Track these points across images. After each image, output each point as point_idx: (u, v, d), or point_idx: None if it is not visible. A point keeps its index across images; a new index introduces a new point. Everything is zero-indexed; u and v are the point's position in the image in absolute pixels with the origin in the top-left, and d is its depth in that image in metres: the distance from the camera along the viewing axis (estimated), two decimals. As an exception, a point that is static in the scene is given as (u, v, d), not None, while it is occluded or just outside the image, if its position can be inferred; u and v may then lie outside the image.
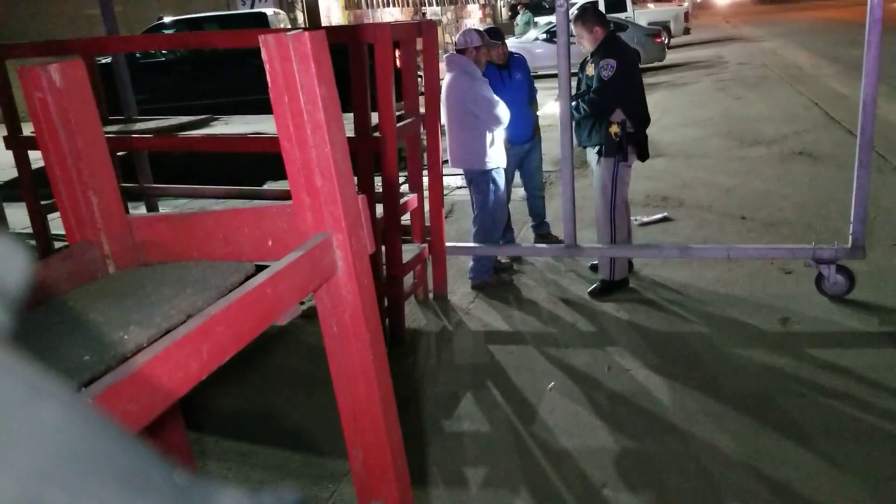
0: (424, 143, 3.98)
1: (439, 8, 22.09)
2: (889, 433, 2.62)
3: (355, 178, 3.44)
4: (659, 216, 5.24)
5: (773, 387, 2.97)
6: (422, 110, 3.83)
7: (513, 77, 4.44)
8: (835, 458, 2.48)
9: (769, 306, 3.68)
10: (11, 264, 0.35)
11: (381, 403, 1.29)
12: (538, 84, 5.12)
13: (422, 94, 3.88)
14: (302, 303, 1.27)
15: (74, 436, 0.29)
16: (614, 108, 3.75)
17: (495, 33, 4.47)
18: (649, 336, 3.50)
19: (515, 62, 4.49)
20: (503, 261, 4.49)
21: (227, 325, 0.93)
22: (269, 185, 6.50)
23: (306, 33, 1.07)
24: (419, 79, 3.97)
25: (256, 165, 6.99)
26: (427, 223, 4.10)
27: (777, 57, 15.26)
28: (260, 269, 1.28)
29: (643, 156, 3.91)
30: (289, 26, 10.79)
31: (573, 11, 4.14)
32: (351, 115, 3.31)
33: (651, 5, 27.29)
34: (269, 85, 1.10)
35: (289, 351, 3.55)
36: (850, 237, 3.65)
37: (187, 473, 0.32)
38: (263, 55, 1.09)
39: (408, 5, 20.11)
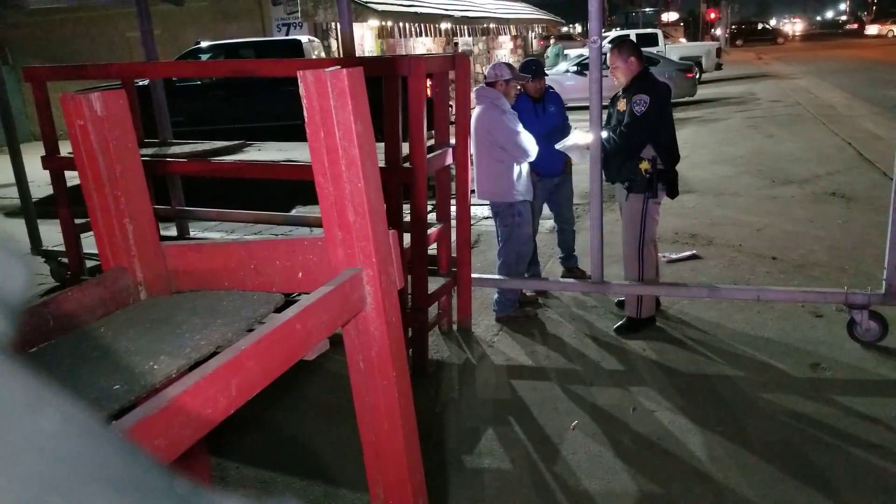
0: (453, 172, 4.00)
1: (471, 38, 22.37)
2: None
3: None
4: (688, 254, 5.18)
5: (801, 435, 2.90)
6: (452, 140, 3.85)
7: (546, 110, 4.46)
8: (867, 514, 2.40)
9: (799, 350, 3.61)
10: (12, 274, 0.35)
11: (404, 442, 1.28)
12: (570, 115, 5.13)
13: (452, 123, 3.91)
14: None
15: (74, 444, 0.29)
16: (645, 143, 3.74)
17: (535, 66, 4.50)
18: (676, 377, 3.44)
19: (550, 96, 4.52)
20: (528, 294, 4.46)
21: (256, 361, 0.93)
22: (298, 210, 6.57)
23: (344, 70, 1.09)
24: (450, 109, 4.01)
25: (285, 190, 7.08)
26: (453, 254, 4.10)
27: (810, 95, 15.15)
28: (289, 299, 1.29)
29: (672, 193, 3.88)
30: (323, 54, 10.99)
31: (606, 45, 4.16)
32: (382, 144, 3.35)
33: (683, 40, 27.34)
34: (306, 120, 1.12)
35: (314, 379, 3.55)
36: (884, 283, 3.57)
37: (187, 483, 0.32)
38: (301, 91, 1.10)
39: (440, 35, 20.40)
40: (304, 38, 10.38)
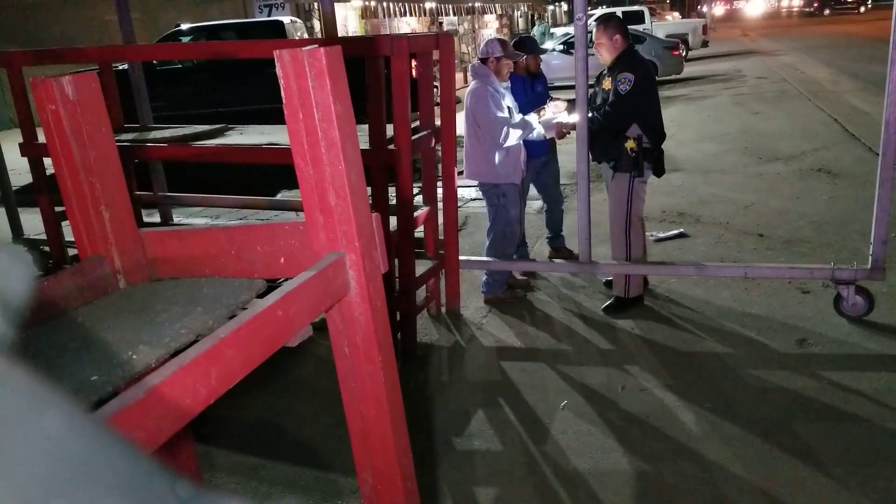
0: (439, 154, 3.97)
1: (456, 18, 22.18)
2: (911, 461, 2.56)
3: (369, 193, 3.43)
4: (675, 232, 5.19)
5: (790, 410, 2.92)
6: (437, 122, 3.82)
7: (535, 89, 4.46)
8: (851, 486, 2.43)
9: (786, 326, 3.63)
10: (14, 276, 0.35)
11: (391, 426, 1.27)
12: (554, 95, 5.11)
13: (437, 104, 3.88)
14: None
15: (77, 447, 0.30)
16: (630, 122, 3.73)
17: (530, 43, 4.50)
18: (664, 355, 3.45)
19: (541, 77, 4.54)
20: (519, 276, 4.46)
21: (236, 349, 0.92)
22: (283, 194, 6.51)
23: (322, 49, 1.06)
24: (435, 90, 3.97)
25: (270, 174, 7.02)
26: (440, 236, 4.08)
27: (796, 72, 15.17)
28: (272, 285, 1.27)
29: (659, 171, 3.87)
30: (305, 35, 10.86)
31: (592, 23, 4.13)
32: (366, 126, 3.31)
33: (669, 17, 27.26)
34: (284, 102, 1.09)
35: (300, 364, 3.53)
36: (870, 258, 3.59)
37: (190, 485, 0.32)
38: (278, 71, 1.08)
39: (424, 15, 20.20)
40: (286, 20, 10.24)
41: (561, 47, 15.05)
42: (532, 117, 4.04)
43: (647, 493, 2.48)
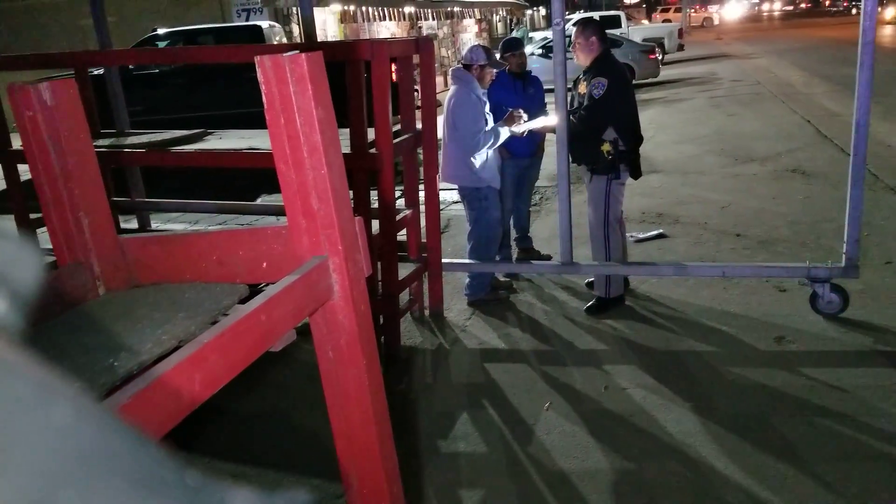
0: (421, 157, 3.97)
1: (435, 22, 22.21)
2: (884, 454, 2.60)
3: (352, 196, 3.43)
4: (654, 233, 5.23)
5: (769, 406, 2.96)
6: (419, 125, 3.82)
7: (526, 90, 4.47)
8: (829, 481, 2.46)
9: (764, 324, 3.67)
10: (24, 266, 0.35)
11: (376, 430, 1.26)
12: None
13: (418, 108, 3.88)
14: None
15: (86, 437, 0.30)
16: (606, 126, 3.76)
17: (512, 44, 4.55)
18: (646, 354, 3.48)
19: (532, 79, 4.56)
20: (501, 278, 4.47)
21: (220, 354, 0.91)
22: (264, 199, 6.48)
23: (303, 55, 1.06)
24: (415, 93, 3.97)
25: (251, 178, 6.98)
26: (423, 239, 4.08)
27: (770, 74, 15.38)
28: (254, 290, 1.26)
29: (635, 174, 3.91)
30: (284, 40, 10.82)
31: (570, 27, 4.17)
32: (347, 130, 3.30)
33: (645, 22, 27.52)
34: (266, 107, 1.09)
35: (285, 369, 3.51)
36: (844, 256, 3.65)
37: (199, 474, 0.32)
38: (259, 76, 1.07)
39: (404, 19, 20.21)
40: (264, 24, 10.19)
41: (540, 51, 15.12)
42: (504, 129, 4.06)
43: (631, 492, 2.50)
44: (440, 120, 4.03)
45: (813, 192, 6.04)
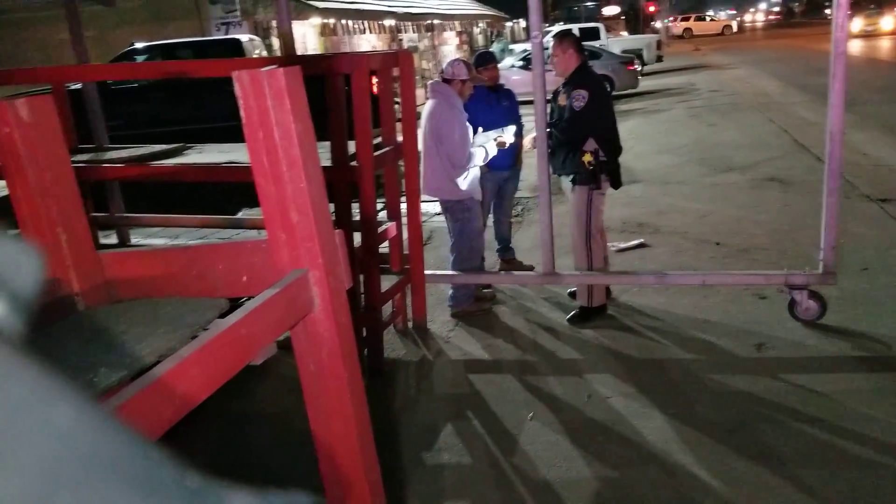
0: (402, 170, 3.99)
1: (416, 35, 22.33)
2: (863, 459, 2.64)
3: (332, 210, 3.43)
4: (636, 242, 5.28)
5: (750, 413, 2.99)
6: (399, 137, 3.84)
7: (500, 103, 4.52)
8: (811, 486, 2.49)
9: (744, 332, 3.72)
10: (25, 267, 0.35)
11: (358, 442, 1.27)
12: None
13: (399, 121, 3.90)
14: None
15: (85, 438, 0.30)
16: (586, 137, 3.81)
17: (486, 57, 4.59)
18: (628, 363, 3.51)
19: (505, 91, 4.61)
20: (484, 289, 4.49)
21: (200, 368, 0.91)
22: (245, 213, 6.45)
23: (281, 69, 1.07)
24: (396, 106, 4.00)
25: (232, 192, 6.95)
26: (406, 251, 4.09)
27: (747, 84, 15.63)
28: (235, 304, 1.27)
29: (616, 183, 3.96)
30: (265, 53, 10.82)
31: (549, 39, 4.22)
32: (328, 143, 3.31)
33: (624, 33, 27.85)
34: (244, 121, 1.10)
35: (266, 382, 3.49)
36: (821, 264, 3.71)
37: (199, 477, 0.33)
38: (237, 91, 1.08)
39: (384, 32, 20.30)
40: (244, 38, 10.19)
41: (520, 63, 15.24)
42: (491, 145, 4.10)
43: (614, 500, 2.51)
44: (419, 133, 4.06)
45: (791, 201, 6.13)
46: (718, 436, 2.83)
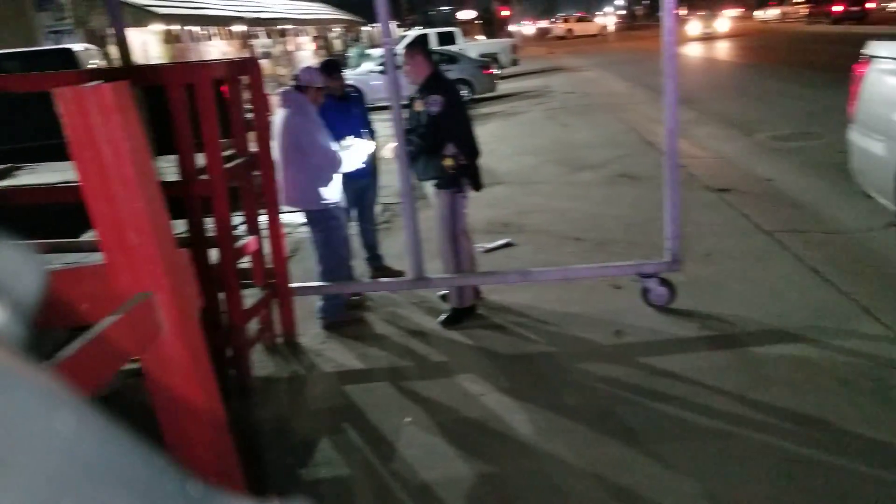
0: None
1: (270, 40, 21.83)
2: (713, 430, 2.90)
3: (186, 224, 3.30)
4: (502, 242, 5.48)
5: (611, 397, 3.20)
6: (254, 148, 3.76)
7: (351, 111, 4.52)
8: (668, 459, 2.71)
9: (604, 321, 3.97)
10: (26, 274, 0.35)
11: (220, 467, 1.24)
12: (376, 116, 5.23)
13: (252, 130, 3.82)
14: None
15: (88, 446, 0.30)
16: (445, 141, 3.92)
17: (333, 66, 4.55)
18: (499, 360, 3.64)
19: (354, 98, 4.60)
20: (353, 297, 4.48)
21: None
22: (90, 235, 6.04)
23: (107, 85, 1.04)
24: (248, 116, 3.91)
25: (74, 214, 6.47)
26: (270, 265, 4.01)
27: (598, 86, 16.62)
28: (74, 333, 1.20)
29: (477, 186, 4.10)
30: (102, 63, 10.17)
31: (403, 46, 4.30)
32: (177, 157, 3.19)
33: (480, 38, 28.65)
34: (70, 140, 1.05)
35: (116, 414, 3.29)
36: (669, 252, 4.04)
37: (200, 485, 0.33)
38: (61, 110, 1.04)
39: (234, 38, 19.69)
40: (78, 47, 9.52)
41: (379, 68, 15.33)
42: (357, 148, 4.13)
43: (492, 494, 2.61)
44: (274, 143, 3.99)
45: (641, 195, 6.59)
46: (584, 420, 3.01)
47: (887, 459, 2.59)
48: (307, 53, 24.48)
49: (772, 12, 50.35)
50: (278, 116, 4.03)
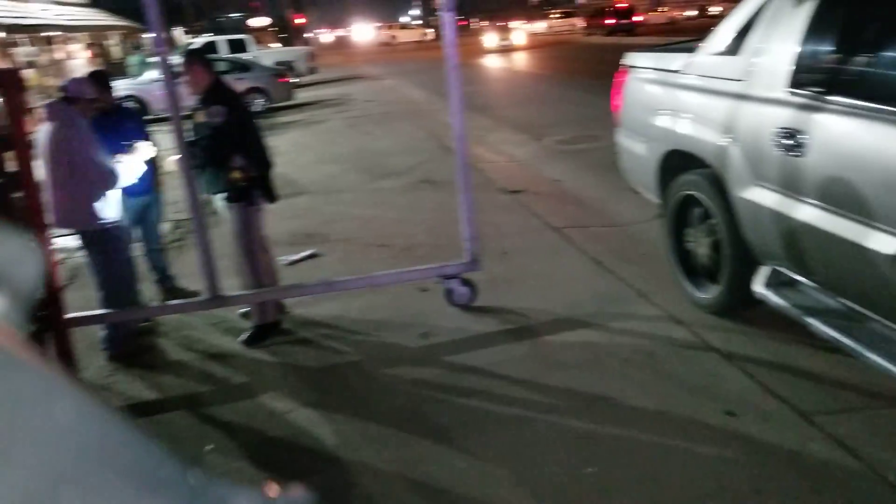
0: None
1: (36, 48, 19.76)
2: (514, 417, 3.11)
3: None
4: (306, 253, 5.44)
5: (420, 397, 3.32)
6: (14, 167, 3.40)
7: (125, 124, 4.25)
8: (473, 450, 2.87)
9: (410, 325, 4.10)
10: (24, 264, 0.36)
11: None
12: (160, 127, 4.96)
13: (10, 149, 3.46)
14: None
15: (88, 435, 0.30)
16: (230, 153, 3.82)
17: (102, 76, 4.27)
18: (305, 374, 3.62)
19: (127, 111, 4.34)
20: (144, 324, 4.21)
21: None
22: None
23: None
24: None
25: None
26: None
27: (397, 94, 17.06)
28: None
29: (271, 198, 4.04)
30: None
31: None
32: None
33: (275, 45, 28.17)
34: None
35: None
36: (468, 252, 4.26)
37: (201, 473, 0.33)
38: None
39: (-10, 44, 17.57)
40: None
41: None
42: (131, 161, 3.89)
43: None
44: (40, 161, 3.65)
45: (443, 199, 6.87)
46: (394, 425, 3.09)
47: (664, 425, 2.95)
48: (81, 62, 22.45)
49: (539, 25, 54.42)
50: (43, 131, 3.70)
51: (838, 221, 2.74)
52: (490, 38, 35.01)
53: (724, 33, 3.65)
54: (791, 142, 2.95)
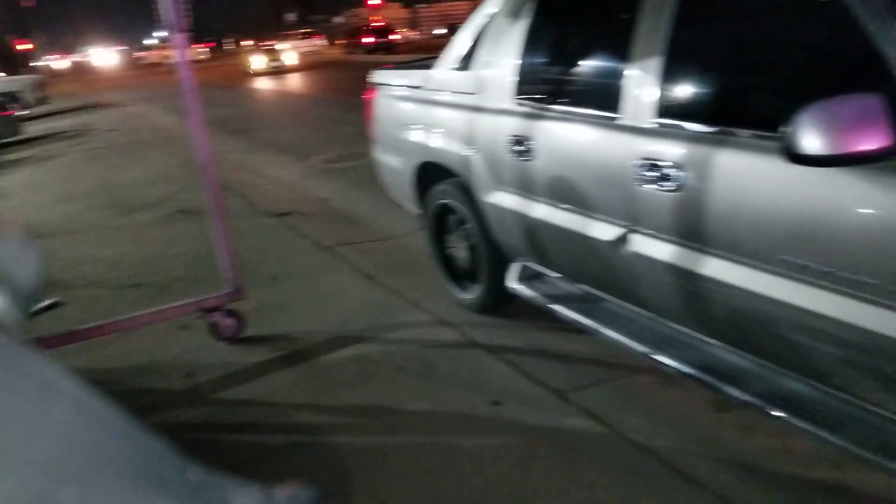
0: None
1: None
2: (293, 444, 3.07)
3: None
4: (47, 303, 4.87)
5: (186, 441, 3.10)
6: None
7: None
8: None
9: (173, 366, 3.87)
10: (26, 263, 0.42)
11: None
12: None
13: None
14: None
15: (88, 432, 0.31)
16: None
17: None
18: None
19: None
20: None
21: None
22: None
23: None
24: None
25: None
26: None
27: (146, 121, 16.04)
28: None
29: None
30: None
31: None
32: None
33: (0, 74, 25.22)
34: None
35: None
36: (229, 282, 4.13)
37: (201, 470, 0.34)
38: None
39: None
40: None
41: None
42: None
43: None
44: None
45: (201, 230, 6.52)
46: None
47: (437, 425, 3.09)
48: None
49: (284, 45, 54.06)
50: None
51: (566, 216, 3.08)
52: (258, 60, 33.95)
53: (456, 49, 3.94)
54: (521, 147, 3.27)
